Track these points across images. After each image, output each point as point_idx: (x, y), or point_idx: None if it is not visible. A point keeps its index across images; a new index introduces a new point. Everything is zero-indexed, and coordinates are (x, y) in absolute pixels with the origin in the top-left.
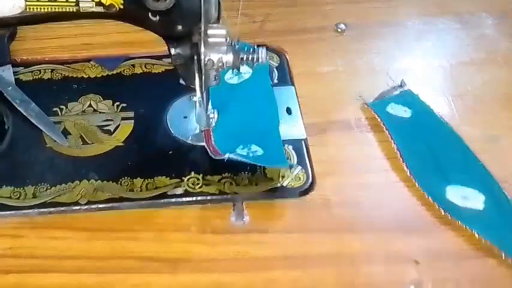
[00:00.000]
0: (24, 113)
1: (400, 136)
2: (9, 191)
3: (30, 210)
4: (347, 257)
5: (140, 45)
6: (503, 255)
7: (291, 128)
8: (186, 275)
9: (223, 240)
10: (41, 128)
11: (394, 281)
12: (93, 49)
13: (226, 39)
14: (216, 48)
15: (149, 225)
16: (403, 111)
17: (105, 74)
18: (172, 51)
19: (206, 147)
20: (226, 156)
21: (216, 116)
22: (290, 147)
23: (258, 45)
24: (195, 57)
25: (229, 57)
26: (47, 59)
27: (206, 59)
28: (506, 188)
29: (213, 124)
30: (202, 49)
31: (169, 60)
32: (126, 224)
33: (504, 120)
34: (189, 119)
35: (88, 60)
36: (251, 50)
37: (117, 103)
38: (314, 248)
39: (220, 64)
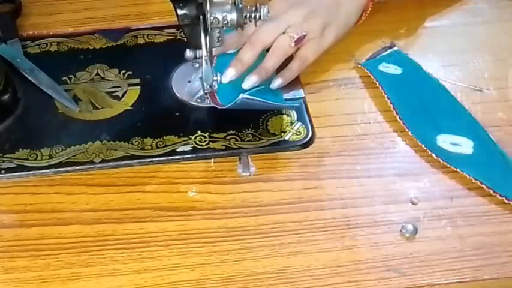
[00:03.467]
0: (35, 82)
1: (392, 91)
2: (26, 153)
3: (47, 170)
4: (348, 201)
5: (140, 18)
6: (492, 192)
7: (290, 89)
8: (198, 221)
9: (231, 189)
10: (52, 95)
11: (393, 220)
12: (95, 23)
13: None
14: (220, 7)
15: (161, 179)
16: (394, 69)
17: (109, 45)
18: (179, 11)
19: (213, 104)
20: (241, 96)
21: (219, 78)
22: None
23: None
24: (201, 17)
25: (233, 16)
26: (51, 33)
27: (212, 18)
28: (490, 132)
29: (216, 86)
30: (208, 7)
31: (170, 30)
32: (139, 179)
33: (486, 72)
34: (193, 83)
35: (92, 33)
36: (254, 9)
37: (123, 71)
38: (317, 193)
39: (225, 22)
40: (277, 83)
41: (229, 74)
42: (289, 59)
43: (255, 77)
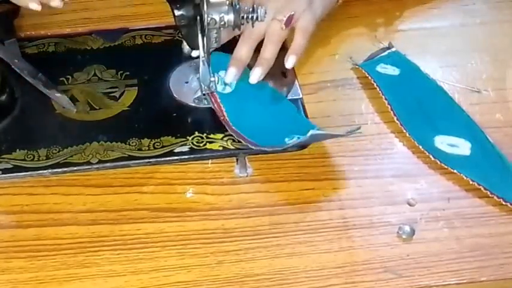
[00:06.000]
0: (33, 83)
1: (390, 92)
2: (23, 154)
3: (44, 171)
4: (346, 202)
5: (138, 19)
6: (489, 193)
7: (287, 90)
8: (195, 222)
9: (229, 190)
10: (49, 95)
11: (390, 222)
12: (93, 23)
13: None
14: (217, 8)
15: (158, 180)
16: (392, 70)
17: (107, 46)
18: (176, 12)
19: (250, 146)
20: (310, 133)
21: (216, 79)
22: None
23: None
24: (198, 18)
25: (230, 17)
26: (49, 33)
27: (209, 19)
28: (488, 133)
29: (214, 87)
30: (205, 8)
31: (168, 31)
32: (136, 179)
33: (484, 73)
34: (191, 84)
35: (90, 33)
36: (251, 9)
37: (121, 72)
38: (314, 194)
39: (222, 23)
40: (291, 61)
41: (231, 73)
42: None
43: (259, 69)
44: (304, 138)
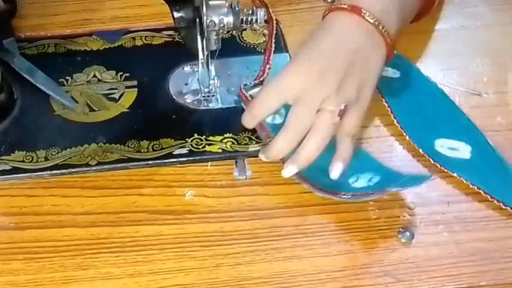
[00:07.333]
0: (32, 81)
1: (390, 94)
2: (22, 155)
3: (42, 173)
4: (344, 205)
5: (139, 20)
6: (489, 197)
7: None
8: (194, 225)
9: (227, 193)
10: (49, 93)
11: (389, 225)
12: (93, 24)
13: (226, 2)
14: (217, 10)
15: (157, 182)
16: (392, 73)
17: (107, 47)
18: (175, 14)
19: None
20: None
21: (216, 81)
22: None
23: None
24: (197, 20)
25: (229, 19)
26: (49, 34)
27: (208, 21)
28: (488, 136)
29: (214, 89)
30: (204, 10)
31: (168, 32)
32: (135, 182)
33: (485, 76)
34: (190, 85)
35: (90, 34)
36: (250, 12)
37: (120, 73)
38: (313, 197)
39: (221, 25)
40: (337, 169)
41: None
42: None
43: (293, 166)
44: (389, 190)
